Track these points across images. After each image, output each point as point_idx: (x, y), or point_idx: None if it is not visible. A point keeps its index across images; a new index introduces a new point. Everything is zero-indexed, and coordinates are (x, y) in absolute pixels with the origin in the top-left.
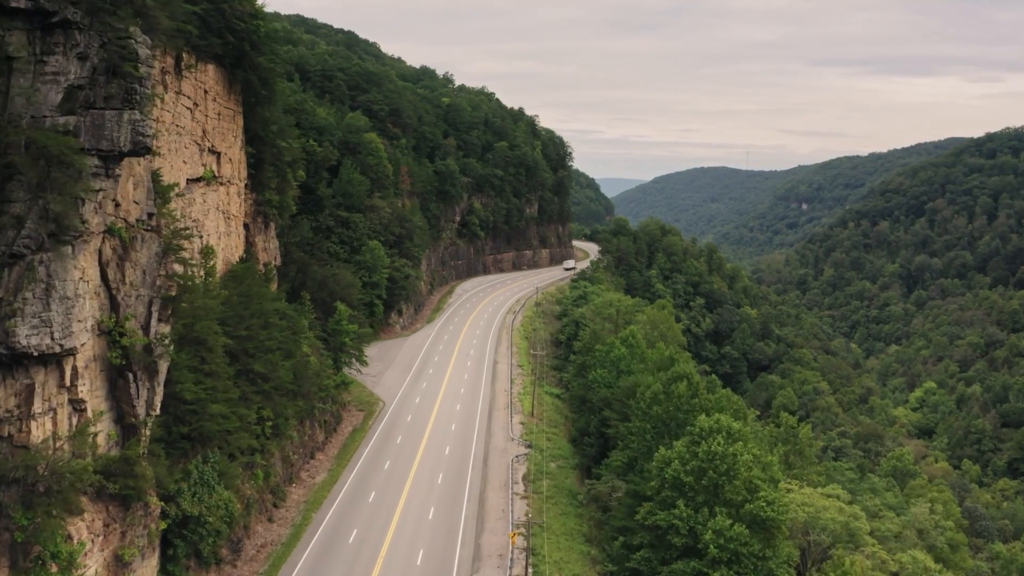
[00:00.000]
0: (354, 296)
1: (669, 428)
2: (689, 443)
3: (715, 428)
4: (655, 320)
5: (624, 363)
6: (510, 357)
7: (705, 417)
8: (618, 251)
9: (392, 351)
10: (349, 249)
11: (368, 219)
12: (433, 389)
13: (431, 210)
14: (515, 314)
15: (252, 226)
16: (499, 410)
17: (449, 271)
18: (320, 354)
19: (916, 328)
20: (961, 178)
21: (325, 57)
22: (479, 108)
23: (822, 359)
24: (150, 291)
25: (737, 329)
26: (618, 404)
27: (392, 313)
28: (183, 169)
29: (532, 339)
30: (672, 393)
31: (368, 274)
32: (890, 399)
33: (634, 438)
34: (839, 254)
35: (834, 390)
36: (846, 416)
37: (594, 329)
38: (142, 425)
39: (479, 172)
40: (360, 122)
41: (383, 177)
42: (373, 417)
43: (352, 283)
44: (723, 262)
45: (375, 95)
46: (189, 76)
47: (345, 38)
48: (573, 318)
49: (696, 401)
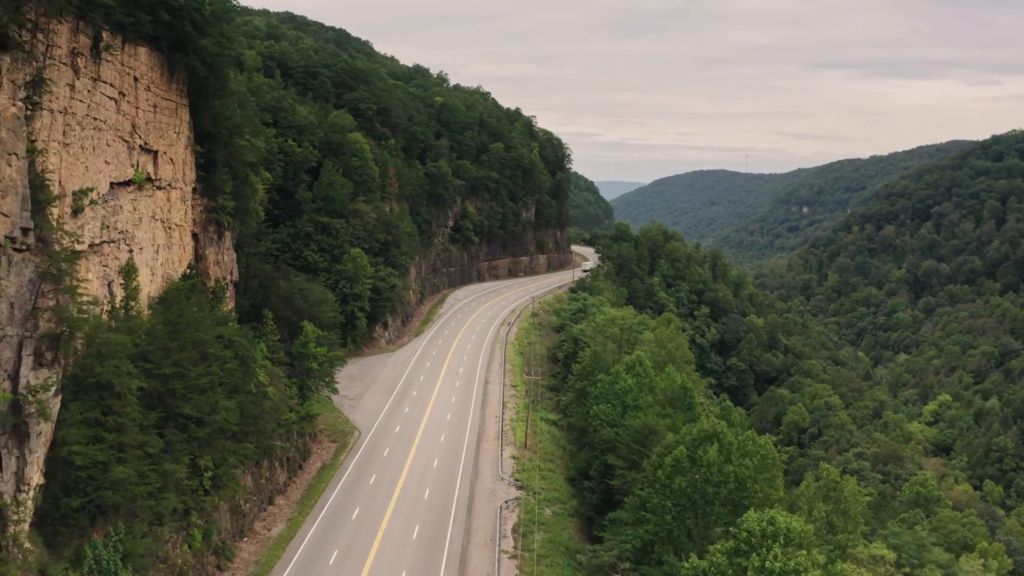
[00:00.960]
0: (326, 313)
1: (696, 505)
2: (732, 552)
3: (769, 531)
4: (662, 338)
5: (631, 396)
6: (502, 376)
7: (754, 515)
8: (619, 258)
9: (375, 369)
10: (330, 258)
11: (351, 225)
12: (416, 415)
13: (422, 215)
14: (510, 326)
15: (202, 236)
16: (488, 441)
17: (441, 279)
18: (281, 383)
19: (925, 336)
20: (967, 181)
21: (309, 53)
22: (474, 108)
23: (831, 371)
24: (21, 330)
25: (743, 339)
26: (624, 449)
27: (376, 326)
28: (104, 171)
29: (527, 355)
30: (700, 460)
31: (349, 285)
32: (903, 413)
33: (650, 516)
34: (844, 259)
35: (846, 404)
36: (861, 434)
37: (595, 350)
38: (13, 506)
39: (473, 174)
40: (344, 121)
41: (368, 180)
42: (346, 450)
43: (323, 299)
44: (728, 268)
45: (362, 93)
46: (111, 60)
47: (335, 36)
48: (571, 334)
49: (730, 469)
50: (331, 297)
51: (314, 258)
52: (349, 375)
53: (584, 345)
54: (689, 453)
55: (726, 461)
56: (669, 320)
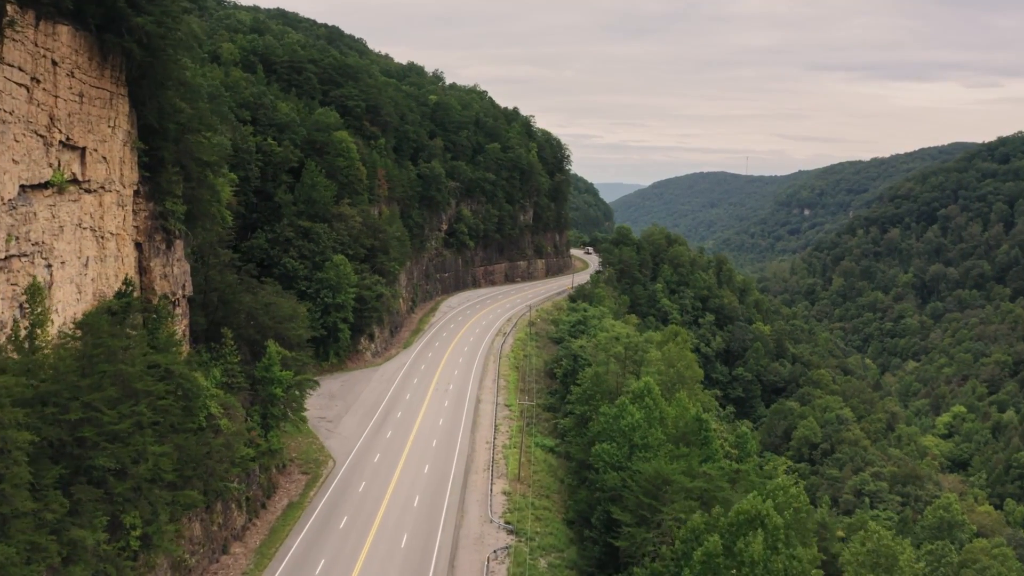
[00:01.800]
0: (294, 330)
1: None
2: None
3: None
4: (670, 356)
5: (639, 434)
6: (495, 393)
7: None
8: (620, 263)
9: (357, 386)
10: (311, 265)
11: (335, 229)
12: (399, 441)
13: (413, 218)
14: (505, 336)
15: (147, 246)
16: (478, 472)
17: (434, 285)
18: (239, 414)
19: (935, 343)
20: (974, 184)
21: (295, 48)
22: (470, 107)
23: (841, 380)
24: None
25: (750, 348)
26: (632, 501)
27: (362, 338)
28: (11, 171)
29: (523, 369)
30: (739, 554)
31: (331, 294)
32: (916, 425)
33: None
34: (848, 263)
35: (858, 417)
36: (876, 450)
37: (597, 371)
38: None
39: (468, 176)
40: (330, 119)
41: (355, 181)
42: (318, 484)
43: (292, 313)
44: (733, 274)
45: (350, 90)
46: (18, 39)
47: (327, 33)
48: (571, 351)
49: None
50: (303, 311)
51: (293, 265)
52: (329, 392)
53: (584, 363)
54: (725, 543)
55: (773, 551)
56: (676, 331)
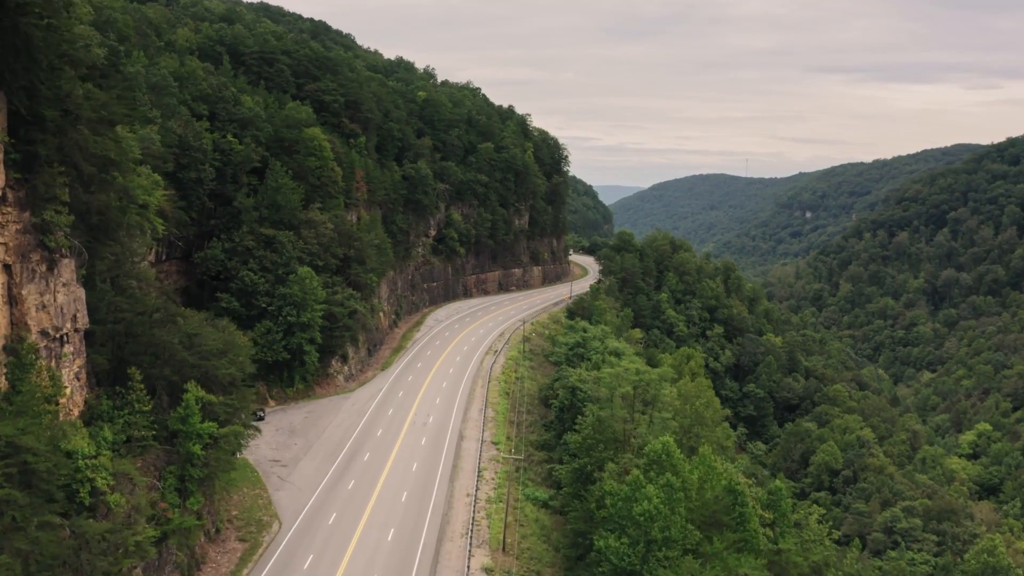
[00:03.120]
0: (227, 368)
1: None
2: None
3: None
4: (687, 393)
5: (659, 525)
6: (482, 427)
7: None
8: (622, 271)
9: (323, 419)
10: (273, 279)
11: (302, 238)
12: (362, 494)
13: (397, 223)
14: (496, 355)
15: (19, 268)
16: (454, 540)
17: (420, 296)
18: (137, 485)
19: (950, 352)
20: (984, 186)
21: (267, 37)
22: (461, 105)
23: (858, 396)
24: None
25: (762, 363)
26: None
27: (333, 360)
28: None
29: (515, 395)
30: None
31: (295, 312)
32: (939, 444)
33: None
34: (856, 267)
35: (879, 437)
36: (902, 477)
37: (599, 415)
38: None
39: (459, 177)
40: (301, 114)
41: (328, 183)
42: (255, 559)
43: (226, 346)
44: (742, 281)
45: (328, 83)
46: None
47: (312, 27)
48: (568, 383)
49: None
50: (243, 341)
51: (253, 279)
52: (290, 427)
53: (584, 397)
54: None
55: None
56: (688, 356)
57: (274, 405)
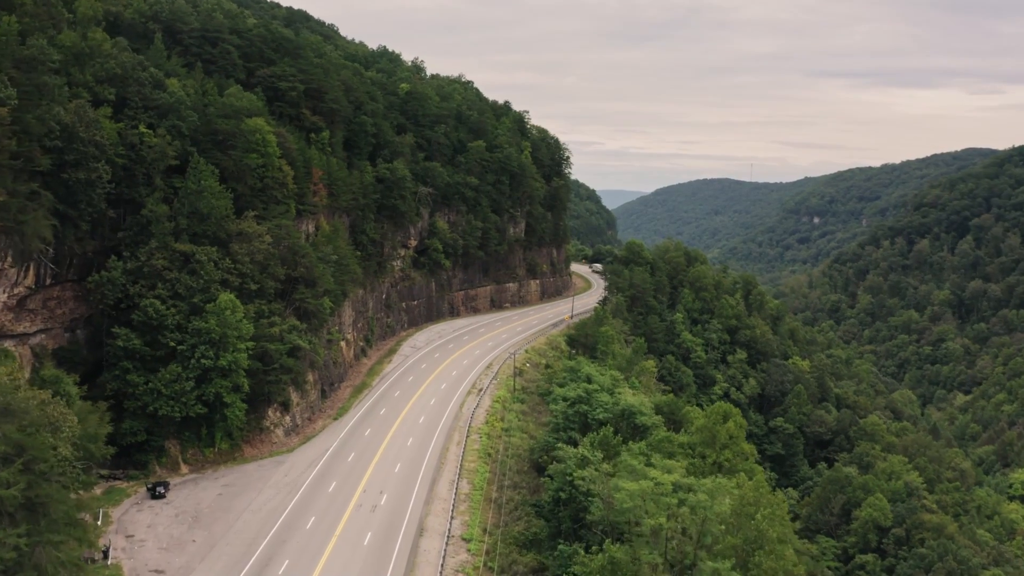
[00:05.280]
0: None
1: None
2: None
3: None
4: (743, 501)
5: None
6: (450, 515)
7: None
8: (631, 288)
9: (243, 495)
10: (187, 309)
11: (231, 255)
12: None
13: (368, 233)
14: (480, 394)
15: None
16: None
17: (398, 317)
18: None
19: (984, 371)
20: (1008, 191)
21: (213, 13)
22: (450, 98)
23: (896, 428)
24: None
25: (790, 393)
26: None
27: (269, 410)
28: None
29: (498, 459)
30: None
31: (212, 353)
32: (988, 484)
33: None
34: (875, 277)
35: (927, 480)
36: (963, 537)
37: (615, 558)
38: None
39: (445, 180)
40: (243, 102)
41: (274, 186)
42: None
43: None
44: (764, 298)
45: (285, 68)
46: None
47: (287, 15)
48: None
49: None
50: (70, 421)
51: (159, 310)
52: (195, 510)
53: (593, 497)
54: None
55: None
56: (726, 414)
57: (187, 472)
